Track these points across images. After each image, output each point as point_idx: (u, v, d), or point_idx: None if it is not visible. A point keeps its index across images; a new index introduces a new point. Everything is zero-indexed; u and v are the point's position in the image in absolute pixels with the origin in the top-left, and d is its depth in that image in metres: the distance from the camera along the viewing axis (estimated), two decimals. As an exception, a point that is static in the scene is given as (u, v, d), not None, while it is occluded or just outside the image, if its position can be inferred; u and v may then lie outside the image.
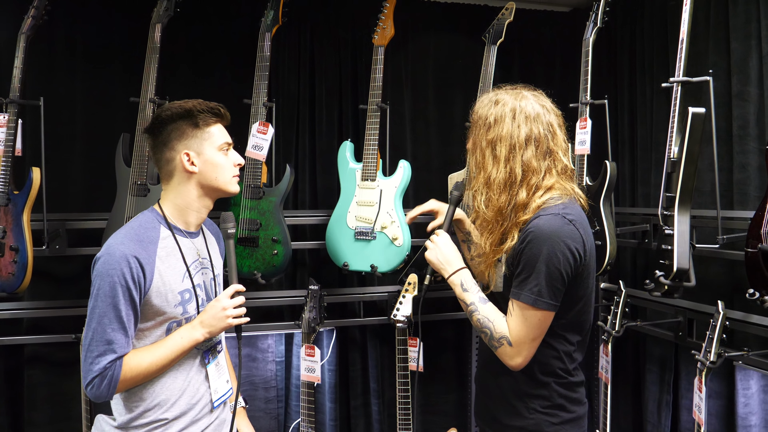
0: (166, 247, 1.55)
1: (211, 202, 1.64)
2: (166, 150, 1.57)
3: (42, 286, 2.59)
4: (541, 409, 1.61)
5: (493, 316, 1.58)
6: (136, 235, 1.52)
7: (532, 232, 1.51)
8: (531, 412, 1.61)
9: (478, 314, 1.60)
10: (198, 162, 1.57)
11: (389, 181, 2.53)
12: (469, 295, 1.63)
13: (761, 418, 2.44)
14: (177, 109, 1.57)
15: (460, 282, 1.65)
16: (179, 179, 1.58)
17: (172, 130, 1.56)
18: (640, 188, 2.99)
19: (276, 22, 2.54)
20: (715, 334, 2.06)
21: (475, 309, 1.61)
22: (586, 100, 2.60)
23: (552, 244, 1.49)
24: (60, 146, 2.62)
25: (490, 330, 1.58)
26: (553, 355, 1.60)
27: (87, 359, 1.45)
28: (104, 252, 1.48)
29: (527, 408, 1.61)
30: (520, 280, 1.53)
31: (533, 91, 1.63)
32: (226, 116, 1.63)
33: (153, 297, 1.50)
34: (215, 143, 1.59)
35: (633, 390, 3.03)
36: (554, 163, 1.57)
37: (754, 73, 2.38)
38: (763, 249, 1.92)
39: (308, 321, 2.54)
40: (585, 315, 1.61)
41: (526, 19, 3.13)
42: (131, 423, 1.53)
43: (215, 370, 1.65)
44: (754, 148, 2.38)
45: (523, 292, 1.51)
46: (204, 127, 1.58)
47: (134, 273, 1.45)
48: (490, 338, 1.58)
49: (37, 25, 2.38)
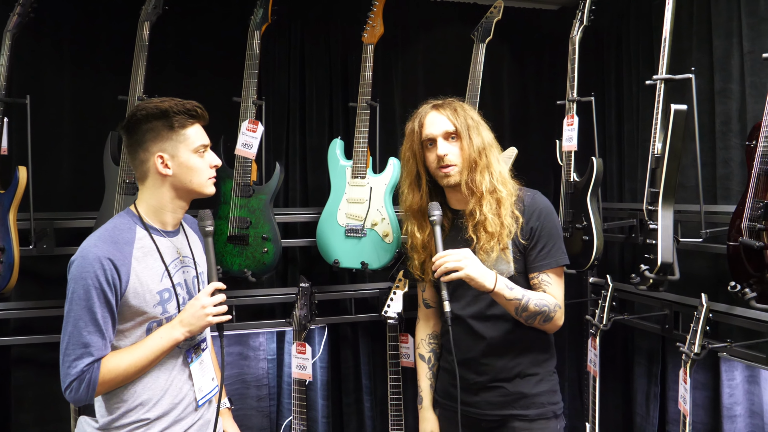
0: (142, 247, 1.54)
1: (186, 203, 1.62)
2: (140, 151, 1.54)
3: (29, 286, 2.56)
4: (552, 372, 1.91)
5: (538, 295, 1.78)
6: (111, 236, 1.50)
7: (540, 208, 1.80)
8: (550, 375, 1.89)
9: (533, 301, 1.74)
10: (172, 165, 1.54)
11: (379, 178, 2.54)
12: (516, 291, 1.73)
13: (746, 408, 2.49)
14: (152, 109, 1.53)
15: (505, 285, 1.73)
16: (153, 181, 1.56)
17: (147, 130, 1.53)
18: (627, 184, 3.04)
19: (265, 20, 2.54)
20: (699, 327, 2.09)
21: (528, 298, 1.74)
22: (573, 97, 2.63)
23: (555, 213, 1.84)
24: (47, 145, 2.58)
25: (548, 306, 1.76)
26: None
27: (64, 363, 1.44)
28: (78, 255, 1.46)
29: (547, 371, 1.88)
30: (545, 250, 1.78)
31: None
32: (204, 116, 1.60)
33: (130, 298, 1.48)
34: (191, 146, 1.56)
35: (621, 382, 3.07)
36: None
37: (735, 70, 2.42)
38: (744, 242, 1.96)
39: (299, 318, 2.54)
40: None
41: (514, 17, 3.15)
42: (113, 424, 1.52)
43: (199, 369, 1.64)
44: (736, 144, 2.42)
45: (555, 258, 1.79)
46: (180, 129, 1.54)
47: (108, 275, 1.44)
48: (548, 314, 1.76)
49: (23, 22, 2.35)
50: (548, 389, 1.86)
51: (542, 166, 3.19)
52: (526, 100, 3.37)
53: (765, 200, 1.90)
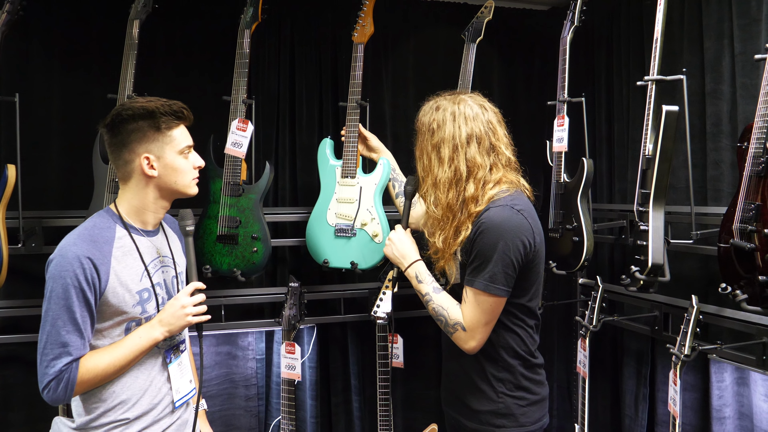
0: (122, 246, 1.53)
1: (168, 203, 1.62)
2: (125, 151, 1.53)
3: (18, 284, 2.54)
4: (509, 392, 1.70)
5: (447, 303, 1.69)
6: (90, 235, 1.49)
7: (484, 223, 1.61)
8: (500, 396, 1.69)
9: (433, 303, 1.71)
10: (158, 166, 1.54)
11: (369, 178, 2.54)
12: (423, 286, 1.74)
13: (735, 410, 2.49)
14: (139, 110, 1.52)
15: (415, 274, 1.76)
16: (137, 181, 1.55)
17: (133, 130, 1.52)
18: (617, 184, 3.04)
19: (255, 19, 2.53)
20: (689, 328, 2.09)
21: (430, 299, 1.72)
22: (563, 97, 2.63)
23: (503, 233, 1.59)
24: (36, 143, 2.58)
25: (445, 317, 1.68)
26: (515, 340, 1.70)
27: (42, 363, 1.43)
28: (57, 254, 1.45)
29: (495, 392, 1.70)
30: (474, 267, 1.63)
31: (471, 94, 1.76)
32: (189, 117, 1.60)
33: (110, 297, 1.48)
34: (176, 147, 1.56)
35: (611, 384, 3.07)
36: (498, 157, 1.70)
37: (726, 71, 2.42)
38: (735, 244, 1.96)
39: (288, 318, 2.54)
40: (536, 299, 1.73)
41: (505, 18, 3.15)
42: (90, 424, 1.51)
43: (177, 370, 1.63)
44: (727, 146, 2.42)
45: (477, 279, 1.61)
46: (166, 131, 1.54)
47: (88, 274, 1.43)
48: (445, 325, 1.69)
49: (12, 20, 2.33)
50: (492, 410, 1.70)
51: (532, 166, 3.16)
52: (517, 100, 3.36)
53: (756, 202, 1.90)
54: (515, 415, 1.69)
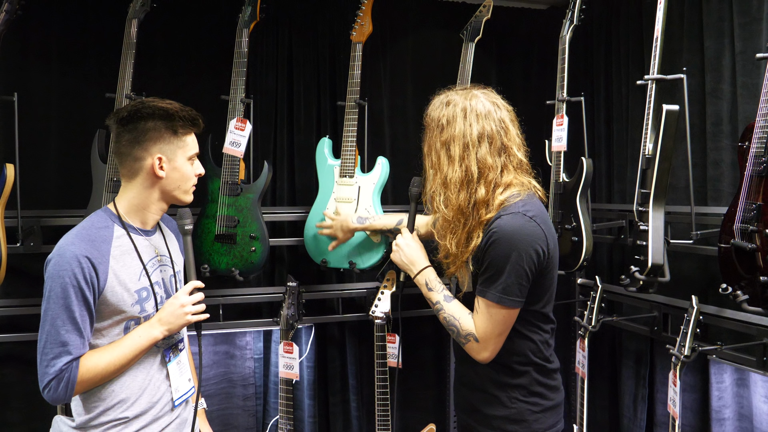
0: (120, 246, 1.53)
1: (167, 206, 1.64)
2: (138, 148, 1.54)
3: (16, 283, 2.55)
4: (522, 398, 1.65)
5: (459, 313, 1.63)
6: (88, 234, 1.50)
7: (495, 233, 1.53)
8: (513, 402, 1.64)
9: (444, 312, 1.65)
10: (167, 168, 1.56)
11: (367, 177, 2.53)
12: (434, 294, 1.68)
13: (734, 411, 2.48)
14: (158, 110, 1.54)
15: (425, 282, 1.70)
16: (143, 180, 1.56)
17: (150, 129, 1.53)
18: (617, 184, 3.02)
19: (254, 18, 2.52)
20: (689, 329, 2.08)
21: (441, 308, 1.66)
22: (562, 97, 2.62)
23: (516, 243, 1.51)
24: (35, 142, 2.58)
25: (457, 327, 1.62)
26: (530, 347, 1.64)
27: (42, 362, 1.44)
28: (55, 253, 1.46)
29: (509, 398, 1.65)
30: (486, 278, 1.56)
31: (483, 89, 1.67)
32: (201, 126, 1.63)
33: (108, 296, 1.48)
34: (187, 153, 1.59)
35: (609, 384, 3.06)
36: (510, 159, 1.62)
37: (727, 70, 2.41)
38: (736, 244, 1.95)
39: (286, 318, 2.53)
40: (551, 303, 1.67)
41: (503, 17, 3.14)
42: (90, 422, 1.52)
43: (176, 369, 1.64)
44: (727, 145, 2.41)
45: (489, 291, 1.54)
46: (182, 135, 1.58)
47: (86, 273, 1.43)
48: (457, 335, 1.63)
49: (10, 20, 2.33)
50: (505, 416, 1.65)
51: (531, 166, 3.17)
52: (515, 100, 3.30)
53: (757, 202, 1.89)
54: (528, 421, 1.64)
